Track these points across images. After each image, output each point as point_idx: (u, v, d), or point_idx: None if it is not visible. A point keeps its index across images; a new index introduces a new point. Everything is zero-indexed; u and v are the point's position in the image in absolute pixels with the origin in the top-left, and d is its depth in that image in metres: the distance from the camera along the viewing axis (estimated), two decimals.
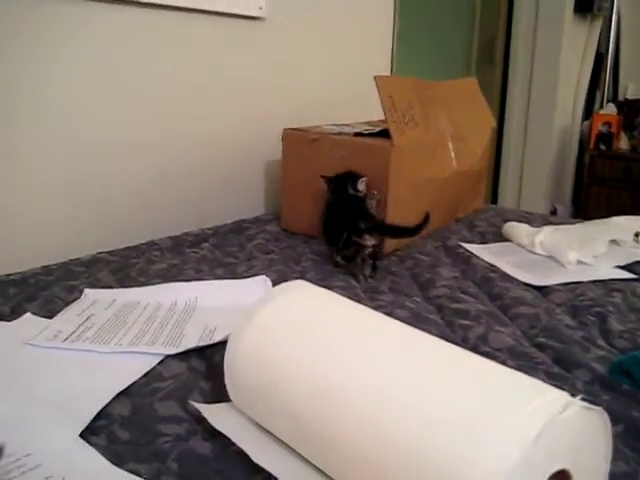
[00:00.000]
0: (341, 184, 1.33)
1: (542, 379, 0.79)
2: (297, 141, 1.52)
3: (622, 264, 1.32)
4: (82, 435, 0.67)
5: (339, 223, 1.26)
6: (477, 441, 0.46)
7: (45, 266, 1.22)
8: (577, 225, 1.54)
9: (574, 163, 3.54)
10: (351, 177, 1.32)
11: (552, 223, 1.59)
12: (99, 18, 1.34)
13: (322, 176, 1.36)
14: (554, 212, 3.42)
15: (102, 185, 1.41)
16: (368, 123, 1.71)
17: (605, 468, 0.54)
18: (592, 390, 0.82)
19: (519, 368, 0.84)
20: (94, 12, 1.32)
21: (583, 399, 0.50)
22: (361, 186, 1.31)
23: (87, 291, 1.10)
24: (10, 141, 1.25)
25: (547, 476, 0.47)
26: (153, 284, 1.15)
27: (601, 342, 0.97)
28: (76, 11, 1.29)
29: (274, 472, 0.58)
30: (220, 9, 1.57)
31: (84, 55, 1.33)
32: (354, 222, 1.22)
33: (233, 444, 0.64)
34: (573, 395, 0.50)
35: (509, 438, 0.45)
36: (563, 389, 0.51)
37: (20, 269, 1.19)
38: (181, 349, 0.88)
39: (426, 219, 1.27)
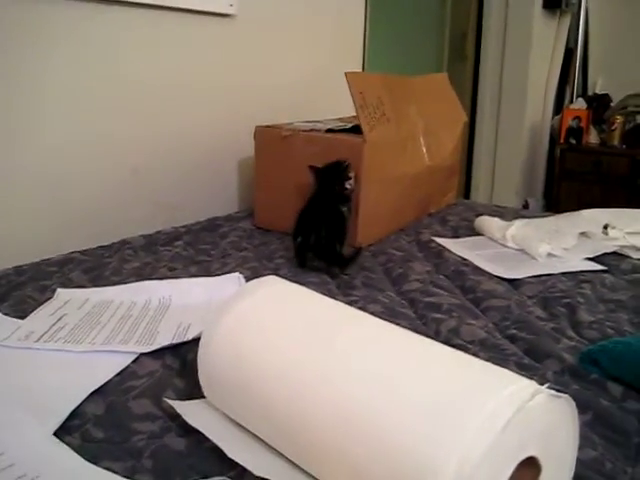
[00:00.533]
0: (328, 179, 1.32)
1: (513, 370, 0.80)
2: (269, 138, 1.53)
3: (591, 256, 1.35)
4: (56, 435, 0.67)
5: (313, 227, 1.25)
6: (449, 428, 0.47)
7: (17, 266, 1.20)
8: (548, 218, 1.56)
9: (545, 157, 3.58)
10: (339, 171, 1.31)
11: (523, 217, 1.61)
12: (64, 17, 1.33)
13: (310, 166, 1.35)
14: (526, 206, 3.46)
15: (73, 184, 1.40)
16: (340, 119, 1.72)
17: (572, 455, 0.55)
18: (562, 380, 0.83)
19: (490, 360, 0.86)
20: (59, 11, 1.31)
21: (551, 387, 0.51)
22: (349, 185, 1.31)
23: (60, 291, 1.09)
24: None
25: (516, 462, 0.48)
26: (127, 283, 1.14)
27: (571, 333, 0.99)
28: (42, 10, 1.28)
29: (248, 466, 0.59)
30: (190, 6, 1.57)
31: (52, 56, 1.32)
32: (330, 239, 1.23)
33: (207, 440, 0.64)
34: (541, 384, 0.51)
35: (480, 425, 0.46)
36: (533, 379, 0.52)
37: None
38: (155, 347, 0.87)
39: (358, 252, 1.29)
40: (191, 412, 0.69)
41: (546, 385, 0.50)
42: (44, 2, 1.28)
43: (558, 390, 0.52)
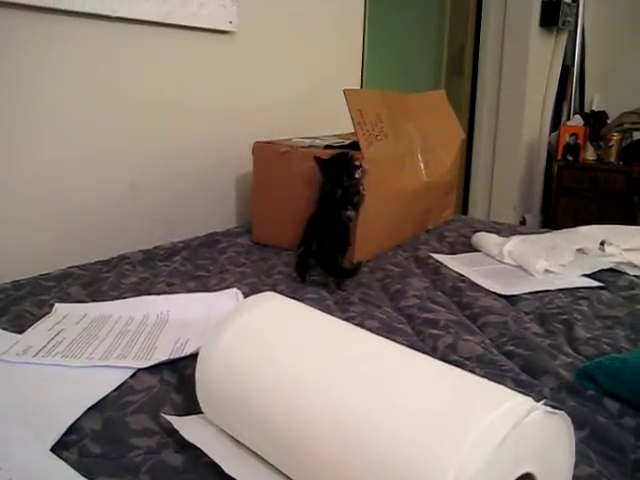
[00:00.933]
0: (335, 171, 1.31)
1: (510, 386, 0.81)
2: (268, 154, 1.54)
3: (588, 272, 1.35)
4: (53, 450, 0.67)
5: (317, 235, 1.25)
6: (445, 443, 0.47)
7: (15, 281, 1.21)
8: (545, 235, 1.57)
9: (542, 174, 3.60)
10: (346, 160, 1.32)
11: (520, 233, 1.61)
12: (66, 32, 1.34)
13: (315, 157, 1.35)
14: (523, 222, 3.47)
15: (71, 199, 1.40)
16: (338, 136, 1.73)
17: (569, 471, 0.55)
18: (559, 396, 0.83)
19: (487, 376, 0.86)
20: (63, 25, 1.32)
21: (547, 404, 0.51)
22: (357, 174, 1.31)
23: (58, 305, 1.09)
24: None
25: (513, 479, 0.48)
26: (125, 298, 1.15)
27: (568, 349, 0.99)
28: (44, 24, 1.29)
29: None
30: (190, 23, 1.58)
31: (51, 70, 1.33)
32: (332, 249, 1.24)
33: (205, 455, 0.64)
34: (538, 401, 0.51)
35: (476, 440, 0.46)
36: (530, 396, 0.52)
37: None
38: (153, 362, 0.88)
39: (357, 268, 1.28)
40: (188, 428, 0.69)
41: (542, 402, 0.51)
42: (44, 18, 1.29)
43: (554, 407, 0.52)
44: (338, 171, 1.31)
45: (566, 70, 3.61)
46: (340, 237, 1.26)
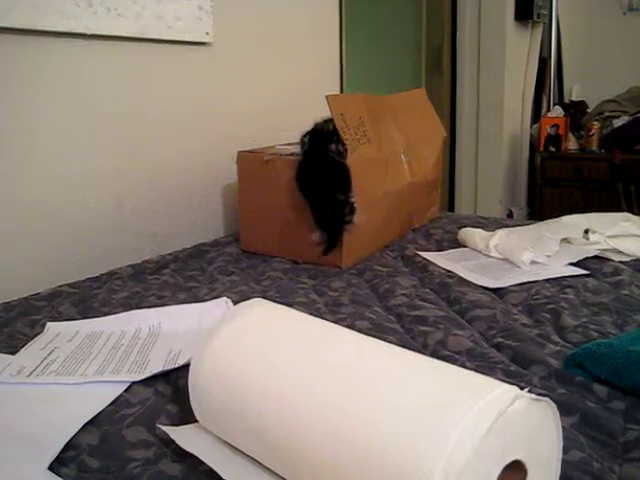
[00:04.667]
0: (318, 142, 1.38)
1: (500, 378, 0.82)
2: (252, 163, 1.54)
3: (574, 261, 1.37)
4: (52, 467, 0.67)
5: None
6: (433, 436, 0.48)
7: (5, 303, 1.21)
8: (529, 227, 1.58)
9: (526, 166, 3.63)
10: (327, 134, 1.37)
11: (506, 226, 1.63)
12: (50, 51, 1.35)
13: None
14: (510, 215, 3.49)
15: (59, 217, 1.40)
16: None
17: (557, 456, 0.57)
18: (548, 384, 0.84)
19: (478, 368, 0.88)
20: (41, 46, 1.33)
21: (534, 392, 0.52)
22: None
23: (49, 324, 1.10)
24: None
25: (501, 467, 0.50)
26: (116, 313, 1.15)
27: (556, 338, 1.00)
28: (22, 45, 1.30)
29: None
30: (167, 37, 1.59)
31: (37, 87, 1.33)
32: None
33: (203, 464, 0.65)
34: (527, 390, 0.52)
35: (463, 432, 0.47)
36: (520, 386, 0.53)
37: None
38: (146, 375, 0.88)
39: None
40: (185, 437, 0.70)
41: (526, 389, 0.52)
42: (22, 40, 1.29)
43: (542, 394, 0.54)
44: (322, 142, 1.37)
45: (543, 62, 3.64)
46: (336, 175, 1.30)
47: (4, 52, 1.27)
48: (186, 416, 0.75)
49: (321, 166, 1.33)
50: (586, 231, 1.47)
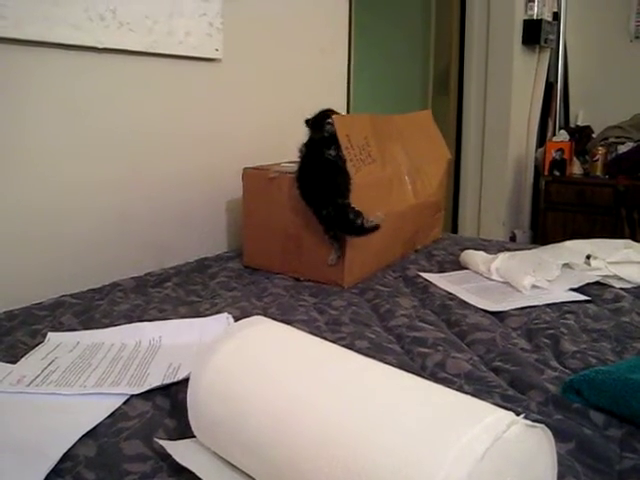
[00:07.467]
0: (315, 148, 1.41)
1: (497, 402, 0.83)
2: (257, 180, 1.55)
3: (575, 286, 1.37)
4: (48, 478, 0.68)
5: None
6: (429, 458, 0.49)
7: (7, 311, 1.22)
8: (531, 251, 1.58)
9: (530, 189, 3.63)
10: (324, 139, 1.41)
11: (508, 249, 1.63)
12: (58, 63, 1.36)
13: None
14: (513, 238, 3.50)
15: (63, 227, 1.41)
16: None
17: None
18: (545, 410, 0.85)
19: (475, 393, 0.88)
20: (52, 58, 1.34)
21: (531, 418, 0.52)
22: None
23: (51, 334, 1.10)
24: None
25: None
26: (117, 325, 1.16)
27: (555, 363, 1.01)
28: (33, 56, 1.31)
29: None
30: (177, 52, 1.60)
31: (44, 98, 1.35)
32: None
33: (198, 479, 0.65)
34: (525, 415, 0.53)
35: (459, 455, 0.48)
36: (517, 411, 0.54)
37: None
38: (145, 388, 0.89)
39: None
40: (182, 452, 0.70)
41: (522, 415, 0.52)
42: (35, 51, 1.31)
43: (539, 420, 0.54)
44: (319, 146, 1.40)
45: (550, 87, 3.65)
46: (335, 179, 1.33)
47: (14, 63, 1.29)
48: (184, 431, 0.75)
49: (319, 170, 1.35)
50: (588, 257, 1.47)
